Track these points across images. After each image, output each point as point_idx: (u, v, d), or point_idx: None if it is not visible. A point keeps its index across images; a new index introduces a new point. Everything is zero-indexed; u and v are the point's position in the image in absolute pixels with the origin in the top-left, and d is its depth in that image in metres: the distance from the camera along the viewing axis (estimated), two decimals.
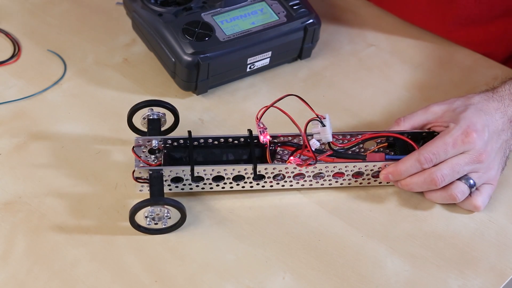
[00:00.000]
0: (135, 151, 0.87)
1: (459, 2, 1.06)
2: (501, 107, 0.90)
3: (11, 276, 0.80)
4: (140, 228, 0.84)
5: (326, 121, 0.86)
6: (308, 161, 0.86)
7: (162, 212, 0.83)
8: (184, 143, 0.88)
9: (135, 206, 0.81)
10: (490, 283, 0.83)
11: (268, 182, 0.88)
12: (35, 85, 1.00)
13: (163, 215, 0.83)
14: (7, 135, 0.94)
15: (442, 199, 0.88)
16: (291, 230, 0.86)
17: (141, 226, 0.84)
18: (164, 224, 0.84)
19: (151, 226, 0.84)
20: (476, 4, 1.05)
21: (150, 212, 0.82)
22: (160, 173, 0.84)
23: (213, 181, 0.87)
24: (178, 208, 0.83)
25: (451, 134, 0.87)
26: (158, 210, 0.83)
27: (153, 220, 0.83)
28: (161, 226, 0.84)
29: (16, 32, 1.08)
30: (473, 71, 1.08)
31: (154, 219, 0.83)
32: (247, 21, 1.01)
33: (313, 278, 0.82)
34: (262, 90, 1.02)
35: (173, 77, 1.00)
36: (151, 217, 0.83)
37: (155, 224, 0.84)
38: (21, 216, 0.85)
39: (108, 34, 1.09)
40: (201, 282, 0.81)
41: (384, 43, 1.11)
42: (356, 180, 0.90)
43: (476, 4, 1.05)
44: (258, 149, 0.89)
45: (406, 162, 0.87)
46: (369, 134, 0.90)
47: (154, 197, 0.83)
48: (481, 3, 1.05)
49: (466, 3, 1.05)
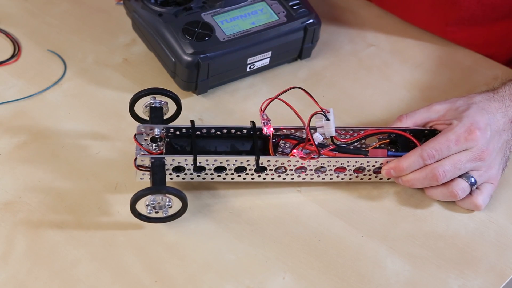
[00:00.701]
0: (137, 139, 0.87)
1: (462, 3, 1.06)
2: (502, 108, 0.91)
3: (11, 276, 0.80)
4: (141, 217, 0.84)
5: (330, 115, 0.86)
6: (311, 154, 0.86)
7: (163, 201, 0.83)
8: (187, 133, 0.88)
9: (137, 194, 0.81)
10: (490, 283, 0.83)
11: (269, 174, 0.88)
12: (35, 85, 1.00)
13: (164, 204, 0.83)
14: (7, 135, 0.94)
15: (443, 196, 0.88)
16: (291, 230, 0.86)
17: (142, 215, 0.84)
18: (165, 213, 0.84)
19: (152, 215, 0.84)
20: (479, 5, 1.05)
21: (152, 200, 0.83)
22: (162, 161, 0.84)
23: (215, 172, 0.87)
24: (179, 197, 0.83)
25: (454, 131, 0.87)
26: (160, 199, 0.83)
27: (154, 209, 0.83)
28: (162, 215, 0.84)
29: (16, 32, 1.08)
30: (473, 71, 1.08)
31: (155, 208, 0.83)
32: (247, 21, 1.01)
33: (313, 278, 0.82)
34: (262, 90, 1.02)
35: (173, 77, 1.00)
36: (152, 206, 0.83)
37: (155, 213, 0.84)
38: (21, 216, 0.85)
39: (108, 34, 1.09)
40: (201, 282, 0.81)
41: (384, 43, 1.11)
42: (357, 176, 0.90)
43: (479, 5, 1.05)
44: (261, 141, 0.89)
45: (409, 158, 0.87)
46: (372, 130, 0.90)
47: (156, 185, 0.83)
48: (484, 5, 1.05)
49: (469, 4, 1.05)
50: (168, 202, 0.83)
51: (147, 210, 0.83)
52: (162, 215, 0.84)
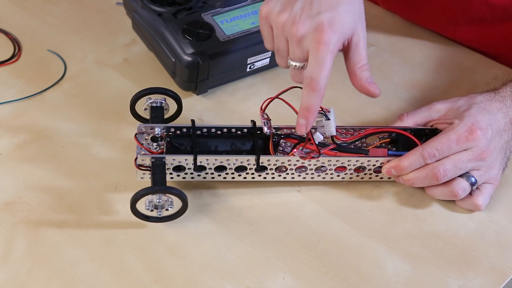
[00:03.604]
0: (137, 138, 0.87)
1: (472, 5, 1.06)
2: (503, 108, 0.91)
3: (11, 276, 0.80)
4: (141, 216, 0.84)
5: (331, 115, 0.87)
6: (311, 153, 0.86)
7: (163, 201, 0.83)
8: (187, 132, 0.88)
9: (137, 194, 0.81)
10: (490, 283, 0.83)
11: (270, 173, 0.88)
12: (35, 85, 1.00)
13: (165, 203, 0.83)
14: (7, 135, 0.94)
15: (443, 195, 0.89)
16: (291, 230, 0.86)
17: (142, 214, 0.84)
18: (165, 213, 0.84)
19: (152, 214, 0.84)
20: (489, 7, 1.05)
21: (152, 200, 0.83)
22: (162, 161, 0.85)
23: (215, 171, 0.87)
24: (180, 197, 0.83)
25: (455, 131, 0.87)
26: (160, 199, 0.83)
27: (154, 208, 0.83)
28: (162, 214, 0.84)
29: (16, 32, 1.08)
30: (473, 71, 1.08)
31: (156, 207, 0.83)
32: (247, 21, 1.01)
33: (313, 278, 0.82)
34: (262, 90, 1.02)
35: (173, 77, 1.00)
36: (152, 205, 0.83)
37: (156, 212, 0.84)
38: (21, 216, 0.85)
39: (108, 34, 1.09)
40: (201, 282, 0.81)
41: (384, 43, 1.11)
42: (358, 175, 0.90)
43: (489, 7, 1.05)
44: (261, 141, 0.89)
45: (410, 157, 0.87)
46: (373, 129, 0.90)
47: (157, 185, 0.83)
48: (494, 6, 1.05)
49: (480, 6, 1.05)
50: (168, 202, 0.83)
51: (148, 209, 0.83)
52: (162, 215, 0.84)
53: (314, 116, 0.83)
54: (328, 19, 0.81)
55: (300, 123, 0.83)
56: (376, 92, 0.86)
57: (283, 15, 0.83)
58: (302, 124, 0.83)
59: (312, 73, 0.82)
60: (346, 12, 0.83)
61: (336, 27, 0.82)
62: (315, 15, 0.82)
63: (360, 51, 0.85)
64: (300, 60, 0.84)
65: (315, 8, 0.82)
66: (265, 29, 0.87)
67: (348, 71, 0.87)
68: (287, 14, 0.83)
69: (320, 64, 0.81)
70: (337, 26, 0.82)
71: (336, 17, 0.82)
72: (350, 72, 0.86)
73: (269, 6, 0.85)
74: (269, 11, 0.85)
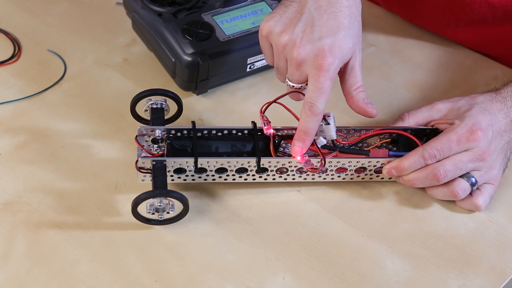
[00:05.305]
0: (138, 140, 0.87)
1: (473, 6, 1.06)
2: (504, 108, 0.91)
3: (11, 276, 0.80)
4: (142, 219, 0.84)
5: (330, 119, 0.87)
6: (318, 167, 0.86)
7: (164, 204, 0.83)
8: (188, 134, 0.88)
9: (138, 198, 0.81)
10: (490, 283, 0.83)
11: (270, 175, 0.88)
12: (35, 85, 1.00)
13: (166, 206, 0.83)
14: (7, 135, 0.94)
15: (443, 196, 0.89)
16: (291, 230, 0.86)
17: (143, 217, 0.84)
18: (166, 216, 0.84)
19: (153, 217, 0.84)
20: (490, 8, 1.05)
21: (153, 203, 0.83)
22: (163, 164, 0.85)
23: (216, 173, 0.87)
24: (181, 201, 0.83)
25: (456, 131, 0.87)
26: (161, 202, 0.83)
27: (156, 211, 0.83)
28: (163, 217, 0.84)
29: (16, 32, 1.08)
30: (473, 71, 1.08)
31: (158, 211, 0.83)
32: (247, 21, 1.01)
33: (313, 278, 0.82)
34: (262, 90, 1.02)
35: (173, 77, 1.00)
36: (153, 208, 0.83)
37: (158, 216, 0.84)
38: (21, 216, 0.85)
39: (108, 34, 1.09)
40: (201, 282, 0.81)
41: (384, 43, 1.11)
42: (359, 176, 0.90)
43: (489, 8, 1.05)
44: (261, 142, 0.89)
45: (410, 158, 0.87)
46: (375, 131, 0.90)
47: (157, 189, 0.83)
48: (495, 7, 1.05)
49: (480, 7, 1.05)
50: (169, 205, 0.83)
51: (149, 213, 0.83)
52: (163, 218, 0.84)
53: (311, 140, 0.85)
54: (329, 44, 0.82)
55: (297, 145, 0.85)
56: (374, 113, 0.87)
57: (284, 37, 0.84)
58: (298, 147, 0.84)
59: (311, 99, 0.83)
60: (346, 36, 0.83)
61: (336, 52, 0.82)
62: (316, 40, 0.82)
63: (356, 73, 0.86)
64: (298, 82, 0.85)
65: (316, 32, 0.82)
66: (265, 46, 0.88)
67: (344, 93, 0.87)
68: (288, 36, 0.84)
69: (320, 90, 0.82)
70: (337, 52, 0.82)
71: (336, 43, 0.82)
72: (346, 94, 0.87)
73: (269, 25, 0.85)
74: (269, 31, 0.85)
